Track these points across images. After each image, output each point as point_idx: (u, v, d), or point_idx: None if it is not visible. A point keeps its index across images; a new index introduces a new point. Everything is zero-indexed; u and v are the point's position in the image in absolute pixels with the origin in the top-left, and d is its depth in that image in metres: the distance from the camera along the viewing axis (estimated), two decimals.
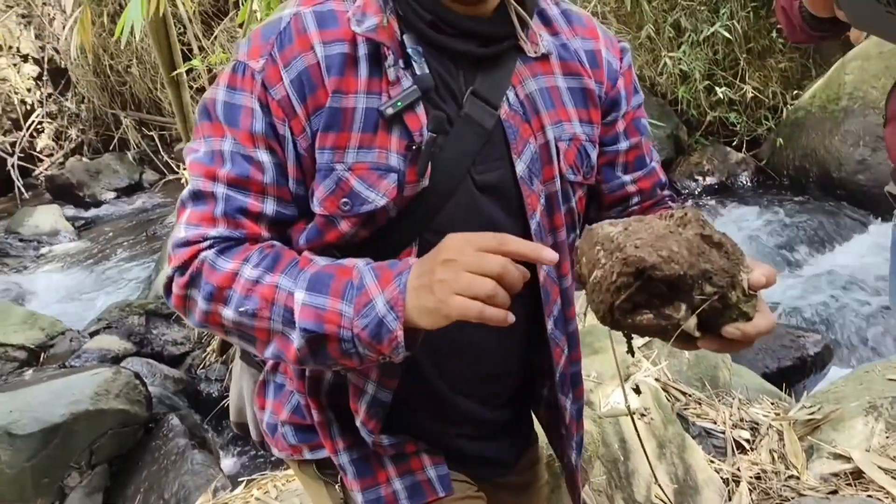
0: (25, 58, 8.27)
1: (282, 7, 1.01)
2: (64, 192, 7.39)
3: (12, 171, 7.51)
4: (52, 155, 8.19)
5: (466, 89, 1.01)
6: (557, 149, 1.06)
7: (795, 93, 6.17)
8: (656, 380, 2.47)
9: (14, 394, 3.28)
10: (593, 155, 1.11)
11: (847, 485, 2.22)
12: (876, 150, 5.26)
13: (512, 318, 0.84)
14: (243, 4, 3.55)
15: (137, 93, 7.95)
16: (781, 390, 3.14)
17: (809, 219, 5.30)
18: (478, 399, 1.15)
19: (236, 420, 1.30)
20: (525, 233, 1.04)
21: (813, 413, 2.51)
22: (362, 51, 0.97)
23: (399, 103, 0.95)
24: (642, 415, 2.08)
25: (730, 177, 6.03)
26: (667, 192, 1.21)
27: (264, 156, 0.97)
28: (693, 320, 0.84)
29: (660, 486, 2.02)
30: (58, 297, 5.50)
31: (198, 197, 0.99)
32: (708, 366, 2.76)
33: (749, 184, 6.01)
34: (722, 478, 2.29)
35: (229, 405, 1.33)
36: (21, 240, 6.55)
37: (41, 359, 4.29)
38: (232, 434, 3.57)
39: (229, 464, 3.46)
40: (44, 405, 3.12)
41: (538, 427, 1.29)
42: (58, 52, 8.11)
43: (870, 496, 2.14)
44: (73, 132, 8.33)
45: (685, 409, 2.54)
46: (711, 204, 5.80)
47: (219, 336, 1.03)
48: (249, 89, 0.96)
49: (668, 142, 6.16)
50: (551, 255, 0.86)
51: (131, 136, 7.87)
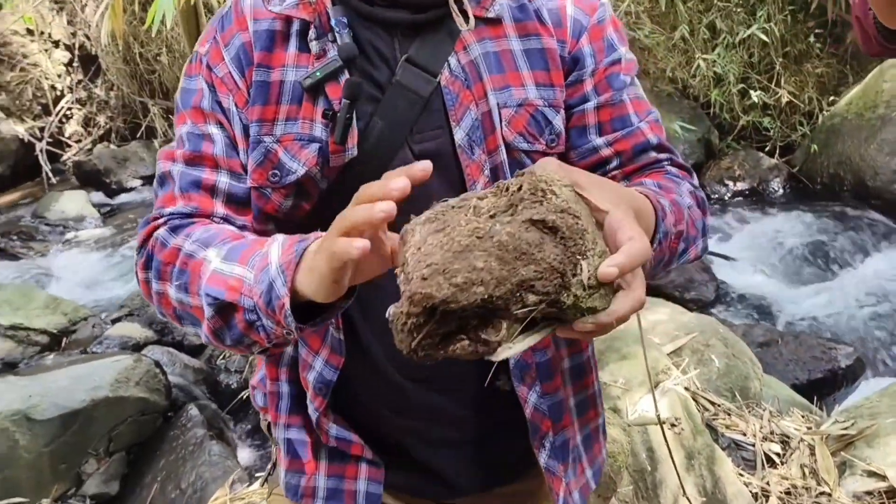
0: (57, 44, 8.30)
1: None
2: (91, 179, 7.40)
3: (40, 156, 7.53)
4: (80, 141, 8.21)
5: (402, 57, 0.98)
6: (500, 115, 1.00)
7: (831, 99, 6.04)
8: (685, 388, 2.40)
9: (35, 378, 3.28)
10: (556, 120, 1.03)
11: None
12: None
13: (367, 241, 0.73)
14: None
15: (166, 81, 7.94)
16: (812, 403, 3.06)
17: (842, 228, 5.18)
18: (432, 387, 1.05)
19: None
20: None
21: (846, 428, 2.44)
22: (295, 27, 0.99)
23: (318, 73, 0.96)
24: (673, 425, 2.02)
25: (761, 182, 5.92)
26: (664, 155, 1.07)
27: (214, 129, 1.00)
28: (518, 346, 0.70)
29: (688, 498, 1.97)
30: (81, 282, 5.51)
31: (162, 181, 1.03)
32: (739, 375, 2.69)
33: (781, 190, 5.89)
34: (751, 492, 2.23)
35: None
36: (47, 224, 6.57)
37: (63, 344, 4.30)
38: (250, 426, 3.55)
39: (246, 456, 3.43)
40: (64, 390, 3.12)
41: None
42: (89, 38, 8.14)
43: None
44: (101, 119, 8.35)
45: (714, 419, 2.47)
46: (741, 210, 5.69)
47: (178, 325, 1.01)
48: (198, 73, 1.02)
49: (699, 146, 6.06)
50: (401, 183, 0.74)
51: (158, 124, 7.86)
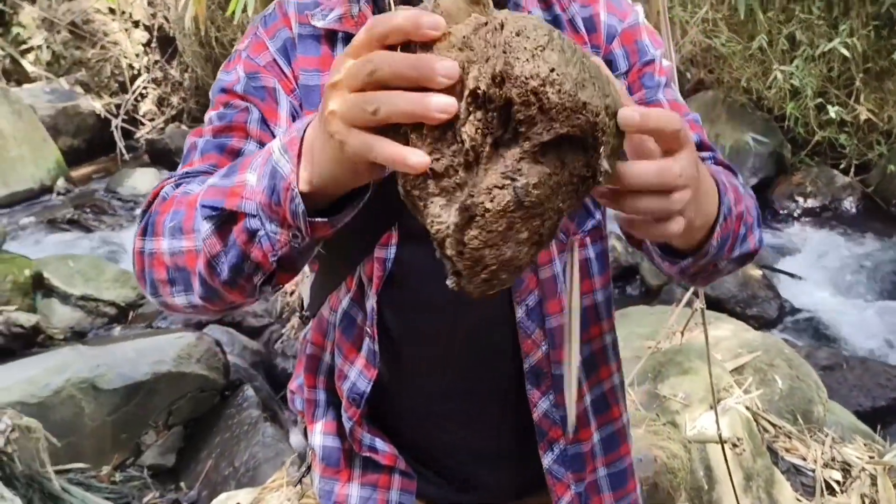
0: (136, 24, 8.54)
1: None
2: (162, 157, 7.60)
3: (115, 133, 7.77)
4: (153, 120, 8.44)
5: None
6: None
7: None
8: (746, 408, 2.36)
9: (102, 349, 3.39)
10: None
11: None
12: None
13: (423, 159, 0.60)
14: None
15: None
16: (875, 431, 2.97)
17: None
18: (469, 399, 1.04)
19: None
20: None
21: None
22: (339, 35, 0.99)
23: None
24: (734, 445, 1.98)
25: (833, 201, 5.75)
26: (706, 153, 1.02)
27: (250, 104, 0.97)
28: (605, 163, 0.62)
29: None
30: None
31: (185, 157, 0.98)
32: (802, 398, 2.62)
33: (854, 210, 5.71)
34: None
35: None
36: (119, 199, 6.77)
37: (129, 317, 4.44)
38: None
39: (296, 441, 3.48)
40: (129, 362, 3.22)
41: None
42: (167, 20, 8.35)
43: None
44: (174, 99, 8.56)
45: (774, 441, 2.42)
46: (810, 227, 5.54)
47: (168, 299, 0.87)
48: (236, 66, 1.00)
49: (770, 159, 5.90)
50: (432, 20, 0.60)
51: None
